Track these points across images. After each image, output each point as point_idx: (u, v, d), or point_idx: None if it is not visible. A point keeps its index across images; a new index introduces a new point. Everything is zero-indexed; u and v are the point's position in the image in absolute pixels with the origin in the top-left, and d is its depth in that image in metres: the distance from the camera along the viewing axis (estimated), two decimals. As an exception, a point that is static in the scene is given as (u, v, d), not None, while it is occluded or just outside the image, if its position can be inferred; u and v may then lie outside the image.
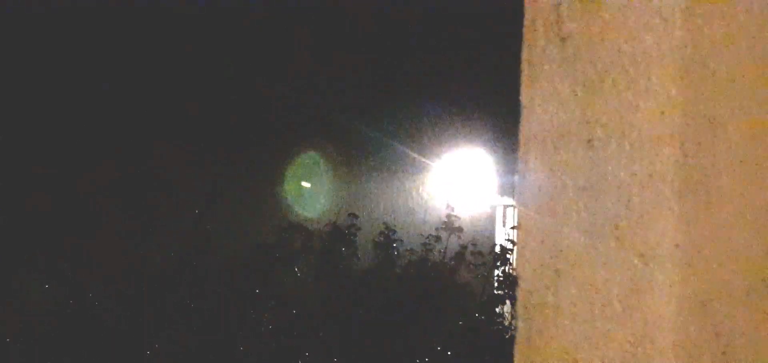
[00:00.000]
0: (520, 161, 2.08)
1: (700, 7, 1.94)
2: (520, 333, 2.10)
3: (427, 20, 15.22)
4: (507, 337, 9.79)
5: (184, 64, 14.90)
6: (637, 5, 1.95)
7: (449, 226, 10.65)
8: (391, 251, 10.41)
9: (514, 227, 11.20)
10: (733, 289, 2.00)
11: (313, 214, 12.62)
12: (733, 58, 1.98)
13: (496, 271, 10.49)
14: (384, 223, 10.68)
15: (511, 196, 15.20)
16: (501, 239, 12.00)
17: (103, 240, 12.08)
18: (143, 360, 10.02)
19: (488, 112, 15.23)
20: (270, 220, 11.74)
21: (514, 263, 10.30)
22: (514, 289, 8.13)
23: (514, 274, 10.03)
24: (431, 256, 10.47)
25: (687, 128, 1.93)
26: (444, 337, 9.92)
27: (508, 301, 10.24)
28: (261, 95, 14.97)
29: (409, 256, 10.56)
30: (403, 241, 10.68)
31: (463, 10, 14.74)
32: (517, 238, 2.11)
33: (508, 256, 10.36)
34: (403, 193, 15.46)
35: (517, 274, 2.11)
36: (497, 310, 10.36)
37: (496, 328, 10.18)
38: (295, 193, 14.78)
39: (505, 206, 15.57)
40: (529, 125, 2.07)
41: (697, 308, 1.96)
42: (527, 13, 2.08)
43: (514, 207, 14.81)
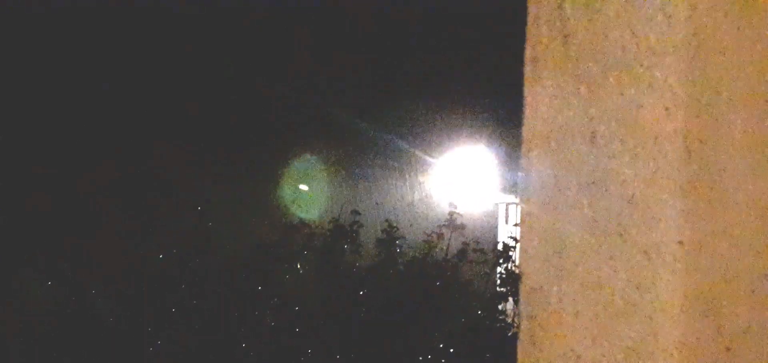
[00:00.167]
0: (524, 158, 2.08)
1: (704, 4, 1.94)
2: (523, 329, 2.10)
3: (430, 18, 15.22)
4: (509, 335, 9.79)
5: (184, 64, 14.89)
6: (641, 2, 1.95)
7: (452, 223, 10.66)
8: (393, 248, 10.42)
9: (516, 224, 11.20)
10: (738, 286, 2.00)
11: (315, 213, 12.61)
12: (738, 55, 1.98)
13: (499, 269, 10.50)
14: (386, 221, 10.69)
15: (514, 193, 15.21)
16: (503, 237, 12.01)
17: (103, 240, 12.08)
18: (143, 360, 10.01)
19: (490, 110, 15.23)
20: (271, 220, 11.74)
21: (517, 260, 10.30)
22: (516, 286, 8.12)
23: (516, 271, 10.04)
24: (434, 253, 10.47)
25: (691, 125, 1.93)
26: (446, 335, 9.93)
27: (510, 299, 10.25)
28: (261, 95, 14.97)
29: (411, 254, 10.57)
30: (405, 239, 10.69)
31: (466, 8, 14.74)
32: (521, 234, 2.11)
33: (511, 254, 10.37)
34: (406, 190, 15.46)
35: (521, 270, 2.11)
36: (500, 307, 10.37)
37: (499, 325, 10.18)
38: (296, 192, 14.78)
39: (508, 204, 15.57)
40: (532, 122, 2.07)
41: (701, 304, 1.96)
42: (531, 11, 2.08)
43: (517, 204, 14.88)
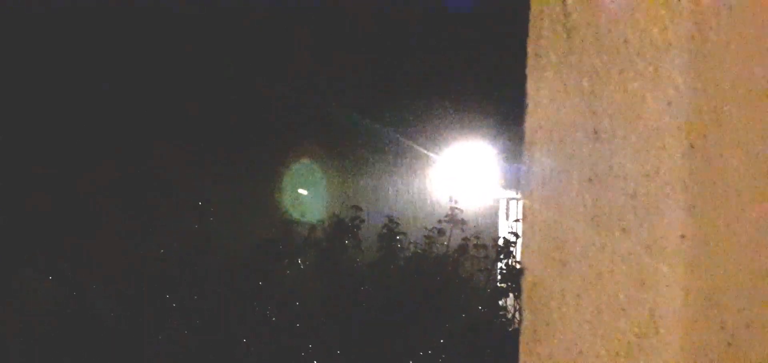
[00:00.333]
0: (526, 153, 2.08)
1: (708, -2, 1.94)
2: (525, 325, 2.09)
3: (432, 12, 15.21)
4: (510, 330, 9.79)
5: (184, 64, 14.90)
6: (644, -4, 1.95)
7: (453, 219, 10.66)
8: (394, 243, 10.43)
9: (517, 220, 11.20)
10: (740, 281, 2.00)
11: (316, 209, 12.62)
12: (741, 49, 1.97)
13: (500, 264, 10.51)
14: (387, 216, 10.70)
15: (515, 189, 15.21)
16: (504, 232, 12.01)
17: (103, 240, 12.08)
18: (143, 360, 10.02)
19: (491, 106, 15.23)
20: (272, 218, 11.74)
21: (518, 256, 10.31)
22: (517, 282, 8.15)
23: (517, 267, 10.04)
24: (435, 248, 10.49)
25: (694, 119, 1.92)
26: (447, 332, 9.93)
27: (511, 294, 10.26)
28: (261, 95, 14.98)
29: (412, 249, 10.58)
30: (406, 234, 10.70)
31: (468, 1, 14.75)
32: (523, 229, 2.11)
33: (512, 249, 10.38)
34: (407, 186, 15.47)
35: (523, 265, 2.11)
36: (501, 303, 10.38)
37: (500, 320, 10.19)
38: (297, 189, 14.78)
39: (508, 199, 15.57)
40: (534, 116, 2.06)
41: (703, 300, 1.95)
42: (533, 4, 2.07)
43: (518, 200, 14.90)
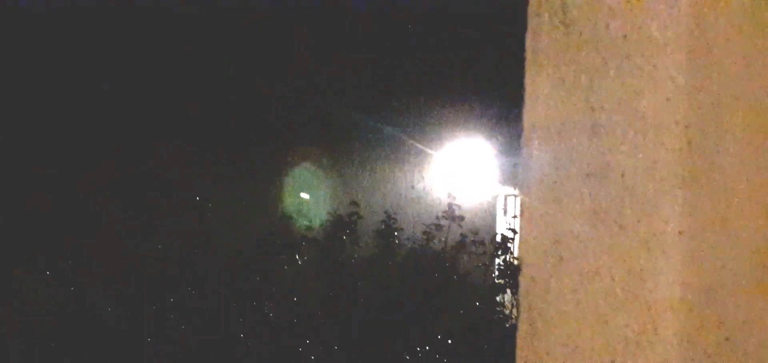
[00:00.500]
0: (524, 148, 2.08)
1: (706, -6, 1.94)
2: (522, 319, 2.10)
3: (430, 7, 15.20)
4: (508, 326, 9.78)
5: (184, 64, 14.89)
6: (642, -8, 1.95)
7: (450, 215, 10.65)
8: (392, 240, 10.41)
9: (515, 216, 11.19)
10: (737, 277, 2.00)
11: (314, 207, 12.61)
12: (739, 45, 1.98)
13: (497, 260, 10.49)
14: (385, 213, 10.68)
15: (513, 185, 15.20)
16: (502, 228, 11.99)
17: (103, 240, 12.08)
18: (143, 360, 10.01)
19: (489, 102, 15.22)
20: (271, 217, 11.74)
21: (516, 251, 10.30)
22: (515, 278, 8.12)
23: (515, 263, 10.03)
24: (432, 245, 10.47)
25: (692, 115, 1.93)
26: (444, 329, 9.92)
27: (509, 290, 10.24)
28: (261, 95, 14.97)
29: (410, 245, 10.56)
30: (404, 230, 10.68)
31: (466, 8, 14.74)
32: (521, 224, 2.11)
33: (510, 245, 10.36)
34: (405, 182, 15.46)
35: (521, 261, 2.11)
36: (498, 299, 10.36)
37: (498, 316, 10.17)
38: (296, 188, 14.77)
39: (507, 195, 15.56)
40: (533, 112, 2.07)
41: (700, 295, 1.96)
42: (532, 0, 2.08)
43: (516, 196, 14.86)
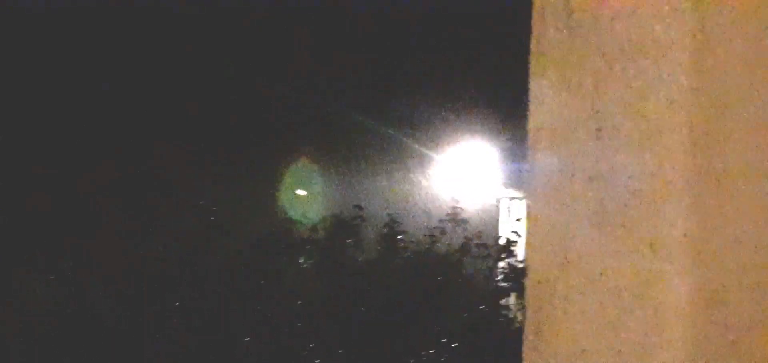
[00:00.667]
0: (529, 151, 2.08)
1: (710, -4, 1.94)
2: (528, 323, 2.09)
3: (433, 10, 15.20)
4: (511, 330, 9.76)
5: (184, 64, 14.89)
6: (647, -6, 1.94)
7: (454, 218, 10.63)
8: (395, 243, 10.40)
9: (518, 219, 11.17)
10: (743, 279, 2.00)
11: (316, 208, 12.60)
12: (743, 47, 1.97)
13: (501, 264, 10.47)
14: (389, 215, 10.67)
15: (516, 188, 15.20)
16: (505, 232, 11.97)
17: (103, 240, 12.07)
18: (143, 360, 10.01)
19: (493, 105, 15.22)
20: (272, 218, 11.73)
21: (519, 255, 10.28)
22: (519, 282, 8.10)
23: (519, 267, 10.01)
24: (436, 248, 10.45)
25: (697, 117, 1.92)
26: (448, 331, 9.91)
27: (513, 294, 10.22)
28: (261, 95, 14.97)
29: (413, 248, 10.54)
30: (408, 233, 10.67)
31: (466, 8, 14.74)
32: (526, 227, 2.11)
33: (513, 249, 10.34)
34: (409, 186, 15.45)
35: (527, 263, 2.11)
36: (502, 302, 10.34)
37: (501, 320, 10.16)
38: (297, 189, 14.77)
39: (511, 199, 15.55)
40: (538, 115, 2.06)
41: (706, 298, 1.95)
42: (536, 3, 2.07)
43: (519, 199, 14.85)
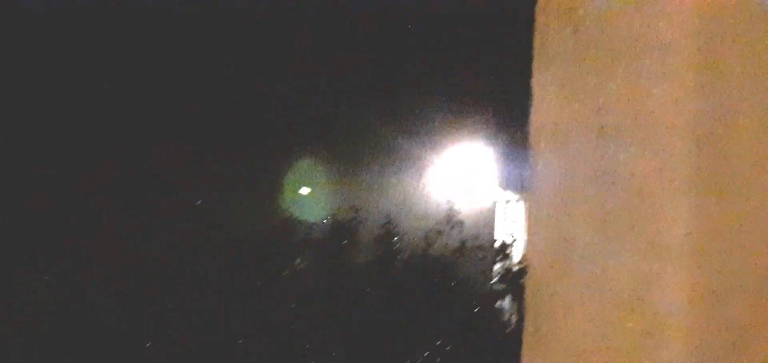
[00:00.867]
0: (531, 150, 2.07)
1: (715, -7, 1.93)
2: (528, 322, 2.09)
3: (435, 8, 15.20)
4: (508, 331, 9.77)
5: (184, 64, 14.88)
6: (650, -8, 1.94)
7: (450, 220, 10.65)
8: (392, 245, 10.40)
9: (514, 221, 11.19)
10: (744, 281, 1.99)
11: (315, 209, 12.61)
12: (748, 47, 1.96)
13: (497, 266, 10.49)
14: (386, 217, 10.68)
15: (513, 190, 15.21)
16: (502, 233, 11.99)
17: (103, 240, 12.07)
18: (143, 360, 10.01)
19: (489, 107, 15.22)
20: (271, 218, 11.73)
21: (515, 257, 10.30)
22: (514, 284, 8.10)
23: (514, 269, 10.04)
24: (432, 250, 10.46)
25: (700, 117, 1.91)
26: (444, 334, 9.92)
27: (509, 295, 10.24)
28: (261, 95, 14.97)
29: (410, 250, 10.55)
30: (404, 235, 10.67)
31: (466, 8, 14.73)
32: (527, 227, 2.10)
33: (509, 251, 10.35)
34: (405, 187, 15.45)
35: (527, 263, 2.10)
36: (498, 304, 10.36)
37: (498, 321, 10.17)
38: (296, 189, 14.78)
39: (506, 201, 15.57)
40: (540, 114, 2.05)
41: (707, 299, 1.94)
42: (539, 1, 2.07)
43: (515, 201, 14.86)
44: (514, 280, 9.90)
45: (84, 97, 14.74)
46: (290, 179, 14.77)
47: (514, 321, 9.91)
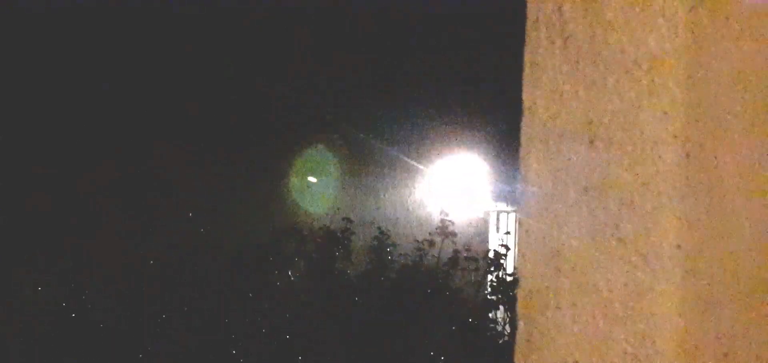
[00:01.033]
0: (521, 161, 2.07)
1: (704, 8, 1.93)
2: (519, 334, 2.09)
3: (427, 20, 15.20)
4: (500, 342, 9.78)
5: (184, 64, 14.89)
6: (641, 5, 1.94)
7: (443, 230, 10.62)
8: (384, 256, 10.39)
9: (507, 233, 11.21)
10: (736, 291, 1.99)
11: (309, 217, 12.61)
12: (738, 59, 1.97)
13: (490, 276, 10.47)
14: (378, 228, 10.66)
15: (505, 201, 15.22)
16: (494, 244, 11.99)
17: (103, 240, 12.08)
18: (143, 360, 10.02)
19: (482, 118, 15.23)
20: (267, 222, 11.74)
21: (509, 268, 10.30)
22: (507, 294, 8.13)
23: (507, 279, 10.04)
24: (425, 261, 10.45)
25: (690, 129, 1.92)
26: (436, 345, 9.91)
27: (502, 307, 10.24)
28: (261, 95, 14.97)
29: (402, 261, 10.53)
30: (397, 246, 10.65)
31: (464, 10, 14.73)
32: (518, 238, 2.10)
33: (502, 262, 10.35)
34: (398, 198, 15.45)
35: (518, 274, 2.10)
36: (491, 315, 10.36)
37: (490, 333, 10.17)
38: (292, 195, 14.79)
39: (499, 212, 15.57)
40: (530, 126, 2.06)
41: (699, 310, 1.95)
42: (530, 13, 2.07)
43: (508, 212, 14.90)
44: (507, 291, 9.90)
45: (84, 97, 14.74)
46: (287, 183, 14.78)
47: (507, 332, 9.92)
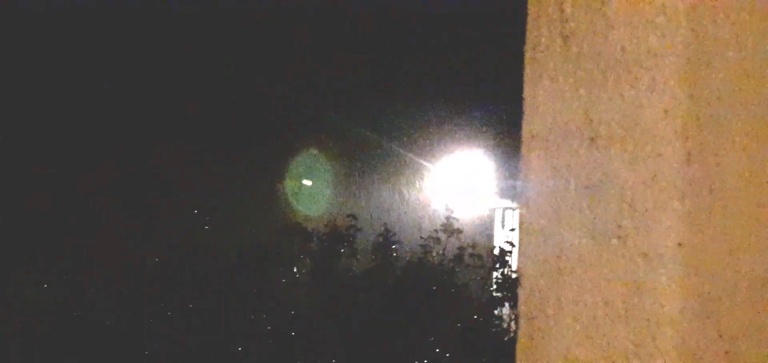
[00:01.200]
0: (523, 160, 2.07)
1: (705, 6, 1.93)
2: (521, 332, 2.09)
3: (427, 20, 15.20)
4: (505, 340, 9.77)
5: (184, 64, 14.89)
6: (641, 3, 1.94)
7: (448, 228, 10.63)
8: (389, 253, 10.39)
9: (513, 229, 11.18)
10: (737, 289, 1.99)
11: (312, 215, 12.60)
12: (738, 57, 1.97)
13: (495, 273, 10.47)
14: (383, 225, 10.66)
15: (510, 198, 15.22)
16: (500, 241, 11.98)
17: (103, 240, 12.08)
18: (143, 360, 10.01)
19: (487, 116, 15.23)
20: (269, 221, 11.73)
21: (514, 265, 10.29)
22: (513, 291, 8.13)
23: (513, 276, 10.03)
24: (430, 257, 10.45)
25: (691, 127, 1.92)
26: (442, 341, 9.91)
27: (507, 303, 10.24)
28: (261, 95, 14.97)
29: (408, 258, 10.54)
30: (402, 243, 10.66)
31: (465, 8, 14.73)
32: (520, 237, 2.10)
33: (507, 258, 10.34)
34: (403, 195, 15.45)
35: (520, 272, 2.10)
36: (496, 311, 10.36)
37: (495, 330, 10.17)
38: (294, 193, 14.78)
39: (504, 208, 15.57)
40: (531, 124, 2.06)
41: (700, 308, 1.95)
42: (531, 11, 2.07)
43: (513, 209, 14.88)
44: (511, 289, 9.90)
45: (84, 97, 14.74)
46: (288, 181, 14.77)
47: (510, 330, 9.92)
